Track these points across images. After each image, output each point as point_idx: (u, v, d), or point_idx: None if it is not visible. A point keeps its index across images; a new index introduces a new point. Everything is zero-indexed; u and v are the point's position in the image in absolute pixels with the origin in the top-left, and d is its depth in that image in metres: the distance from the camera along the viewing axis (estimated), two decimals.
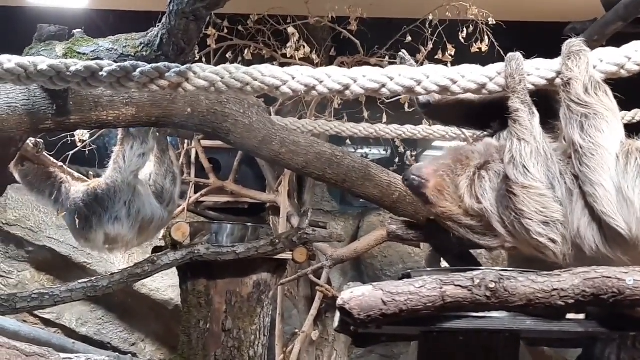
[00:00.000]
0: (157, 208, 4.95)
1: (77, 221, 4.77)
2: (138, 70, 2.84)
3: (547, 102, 2.91)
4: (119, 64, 2.86)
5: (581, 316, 2.69)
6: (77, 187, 4.80)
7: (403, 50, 3.32)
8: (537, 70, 2.89)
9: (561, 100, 2.78)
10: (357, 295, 2.39)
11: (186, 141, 6.82)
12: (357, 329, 2.58)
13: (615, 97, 2.81)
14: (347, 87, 2.82)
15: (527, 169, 2.70)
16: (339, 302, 2.40)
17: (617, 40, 3.09)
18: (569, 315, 2.68)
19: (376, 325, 2.47)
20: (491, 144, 2.95)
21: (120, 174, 4.67)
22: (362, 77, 2.82)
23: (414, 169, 2.98)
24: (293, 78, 2.82)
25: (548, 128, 2.87)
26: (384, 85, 2.84)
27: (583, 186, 2.65)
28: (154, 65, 2.85)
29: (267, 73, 2.83)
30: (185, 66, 2.85)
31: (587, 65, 2.76)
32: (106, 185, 4.72)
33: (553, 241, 2.64)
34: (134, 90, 4.02)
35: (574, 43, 2.84)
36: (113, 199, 4.72)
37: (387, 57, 5.69)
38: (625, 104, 3.09)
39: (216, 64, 5.54)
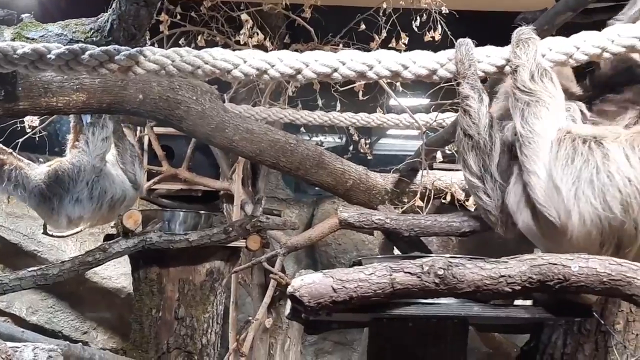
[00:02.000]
0: (129, 187, 4.88)
1: (41, 204, 4.69)
2: (87, 53, 2.80)
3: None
4: (67, 46, 2.81)
5: (528, 302, 2.73)
6: (38, 170, 4.70)
7: None
8: (488, 57, 2.91)
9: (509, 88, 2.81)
10: (308, 283, 2.39)
11: (139, 128, 6.77)
12: (308, 316, 2.59)
13: None
14: (299, 71, 2.82)
15: (465, 161, 2.84)
16: (290, 289, 2.41)
17: (567, 30, 3.12)
18: (517, 302, 2.72)
19: (326, 313, 2.48)
20: None
21: (87, 156, 4.60)
22: (314, 62, 2.82)
23: None
24: (245, 61, 2.80)
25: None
26: (335, 70, 2.84)
27: (522, 174, 2.70)
28: (103, 48, 2.82)
29: (219, 56, 2.81)
30: (135, 49, 2.82)
31: (535, 53, 2.79)
32: (71, 164, 4.61)
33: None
34: (85, 76, 4.00)
35: (524, 31, 2.87)
36: (75, 179, 4.62)
37: (341, 45, 5.69)
38: None
39: None
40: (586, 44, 2.82)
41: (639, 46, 2.77)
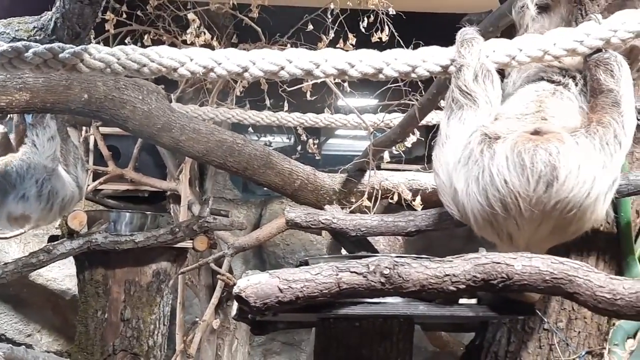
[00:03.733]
0: (76, 189, 4.80)
1: None
2: (31, 50, 2.76)
3: None
4: (10, 44, 2.77)
5: (473, 301, 2.76)
6: None
7: None
8: (433, 57, 2.94)
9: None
10: (254, 283, 2.39)
11: (84, 128, 6.69)
12: (255, 316, 2.58)
13: None
14: (246, 69, 2.80)
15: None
16: (236, 290, 2.40)
17: (511, 32, 3.17)
18: (462, 300, 2.75)
19: (273, 313, 2.48)
20: None
21: (37, 156, 4.51)
22: (261, 60, 2.80)
23: None
24: (191, 59, 2.78)
25: None
26: (282, 68, 2.83)
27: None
28: (47, 45, 2.77)
29: (165, 54, 2.79)
30: (80, 47, 2.78)
31: (479, 53, 2.82)
32: (21, 161, 4.53)
33: None
34: (28, 75, 3.95)
35: (467, 32, 2.90)
36: (23, 176, 4.53)
37: (288, 45, 5.68)
38: None
39: None
40: (529, 46, 2.86)
41: (580, 49, 2.82)
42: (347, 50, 5.11)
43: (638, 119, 2.79)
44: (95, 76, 4.10)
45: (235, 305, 2.78)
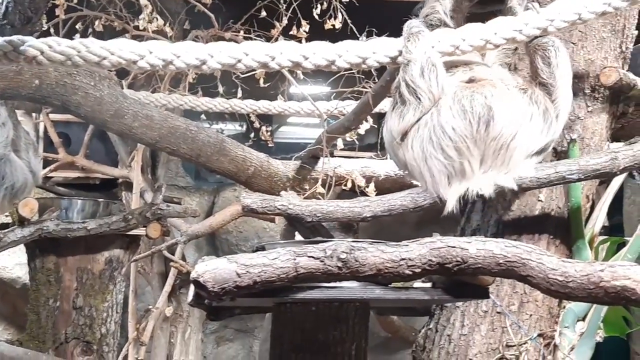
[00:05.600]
0: (29, 176, 4.74)
1: None
2: None
3: None
4: None
5: (428, 285, 2.79)
6: None
7: None
8: (382, 49, 2.98)
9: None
10: (212, 268, 2.39)
11: (34, 114, 6.61)
12: (211, 302, 2.59)
13: None
14: (204, 62, 2.84)
15: None
16: (193, 275, 2.40)
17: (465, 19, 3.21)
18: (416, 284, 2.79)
19: (230, 298, 2.48)
20: None
21: None
22: (218, 53, 2.84)
23: None
24: (151, 52, 2.80)
25: None
26: (239, 61, 2.87)
27: None
28: (7, 38, 2.74)
29: (125, 47, 2.79)
30: (40, 40, 2.77)
31: (426, 47, 2.86)
32: None
33: None
34: None
35: (414, 24, 2.92)
36: None
37: (242, 32, 5.68)
38: None
39: (65, 35, 5.42)
40: (472, 36, 2.94)
41: (519, 38, 2.90)
42: (300, 38, 5.14)
43: None
44: None
45: (191, 290, 2.77)
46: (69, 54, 2.78)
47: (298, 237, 4.43)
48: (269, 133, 6.43)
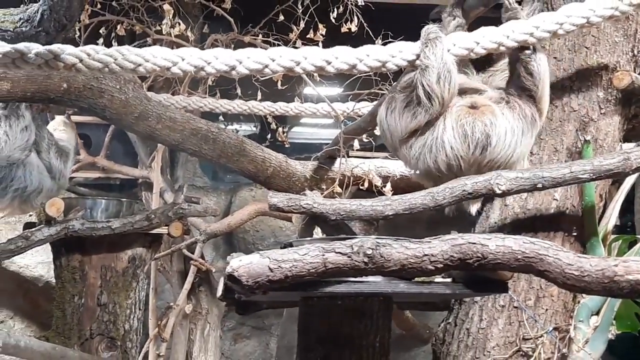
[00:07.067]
0: (47, 179, 4.86)
1: None
2: (33, 52, 2.84)
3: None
4: (12, 45, 2.83)
5: (448, 280, 2.91)
6: None
7: None
8: (400, 52, 3.12)
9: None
10: (246, 263, 2.50)
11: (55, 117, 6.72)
12: (244, 295, 2.70)
13: None
14: (233, 68, 2.97)
15: None
16: (228, 269, 2.50)
17: (479, 24, 3.33)
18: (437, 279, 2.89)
19: (262, 291, 2.59)
20: None
21: (7, 145, 4.57)
22: (246, 59, 2.97)
23: None
24: (183, 59, 2.92)
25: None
26: (267, 66, 3.01)
27: None
28: (47, 47, 2.87)
29: (159, 55, 2.92)
30: (79, 48, 2.89)
31: (442, 53, 3.03)
32: None
33: None
34: None
35: (431, 30, 3.08)
36: None
37: (260, 36, 5.78)
38: None
39: (87, 40, 5.53)
40: (485, 39, 3.12)
41: (530, 41, 3.11)
42: (317, 42, 5.23)
43: None
44: None
45: (220, 285, 2.89)
46: (106, 61, 2.91)
47: (316, 234, 4.55)
48: (285, 134, 6.52)
